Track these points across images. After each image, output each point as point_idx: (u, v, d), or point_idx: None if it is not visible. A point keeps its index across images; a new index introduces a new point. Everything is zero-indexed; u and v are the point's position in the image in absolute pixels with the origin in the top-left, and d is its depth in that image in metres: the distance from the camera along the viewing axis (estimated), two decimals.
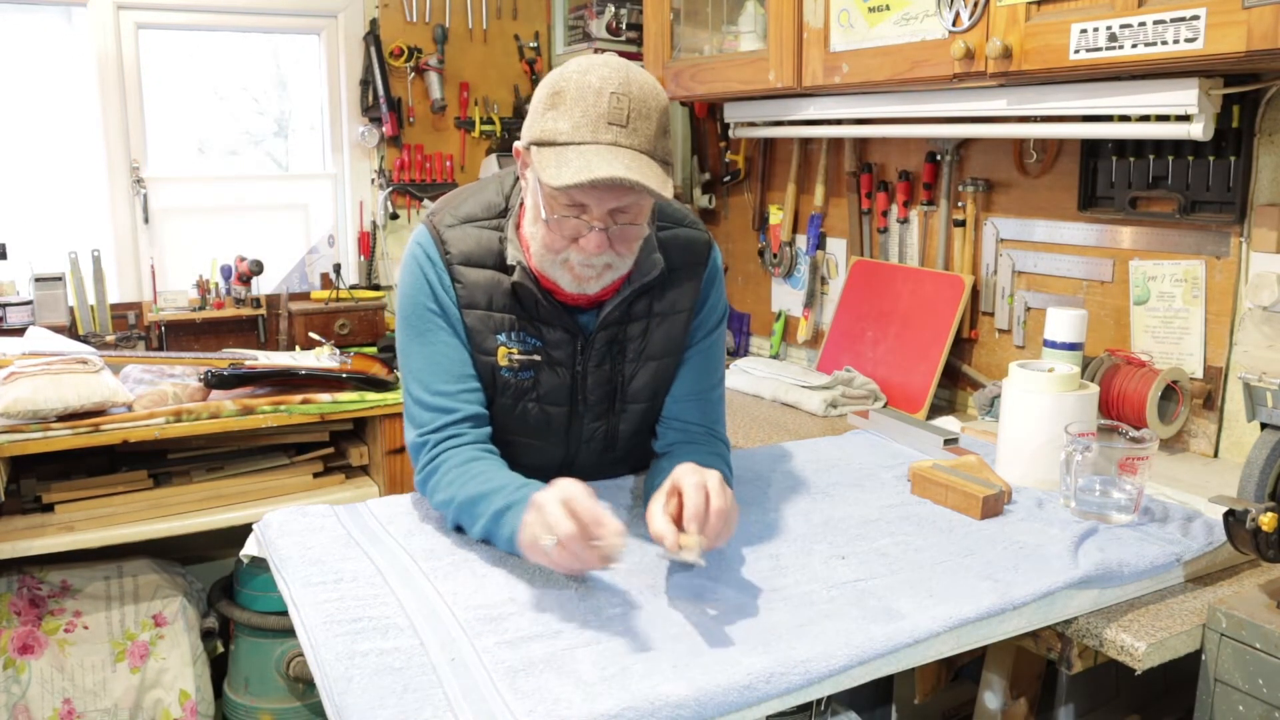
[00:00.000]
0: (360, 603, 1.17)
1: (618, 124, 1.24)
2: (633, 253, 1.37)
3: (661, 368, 1.49)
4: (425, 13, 3.21)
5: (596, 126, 1.23)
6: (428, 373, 1.43)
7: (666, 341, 1.48)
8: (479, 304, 1.42)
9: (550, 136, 1.25)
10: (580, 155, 1.22)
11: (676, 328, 1.48)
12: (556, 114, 1.26)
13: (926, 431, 1.80)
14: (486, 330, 1.43)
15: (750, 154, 2.93)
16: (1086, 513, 1.44)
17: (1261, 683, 1.18)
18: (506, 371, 1.44)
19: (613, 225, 1.30)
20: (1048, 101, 1.84)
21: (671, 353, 1.50)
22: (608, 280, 1.37)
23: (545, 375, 1.45)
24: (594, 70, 1.26)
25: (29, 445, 2.16)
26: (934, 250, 2.39)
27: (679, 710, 0.97)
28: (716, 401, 1.56)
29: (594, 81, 1.25)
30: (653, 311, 1.46)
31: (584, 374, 1.46)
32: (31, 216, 2.87)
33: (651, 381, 1.49)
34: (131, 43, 2.89)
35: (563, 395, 1.47)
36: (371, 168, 3.23)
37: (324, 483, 2.59)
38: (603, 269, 1.34)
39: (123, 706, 2.41)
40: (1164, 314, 1.90)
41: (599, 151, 1.23)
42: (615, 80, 1.25)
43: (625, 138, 1.24)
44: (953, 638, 1.15)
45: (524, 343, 1.43)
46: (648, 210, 1.34)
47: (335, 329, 3.01)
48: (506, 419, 1.48)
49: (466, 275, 1.41)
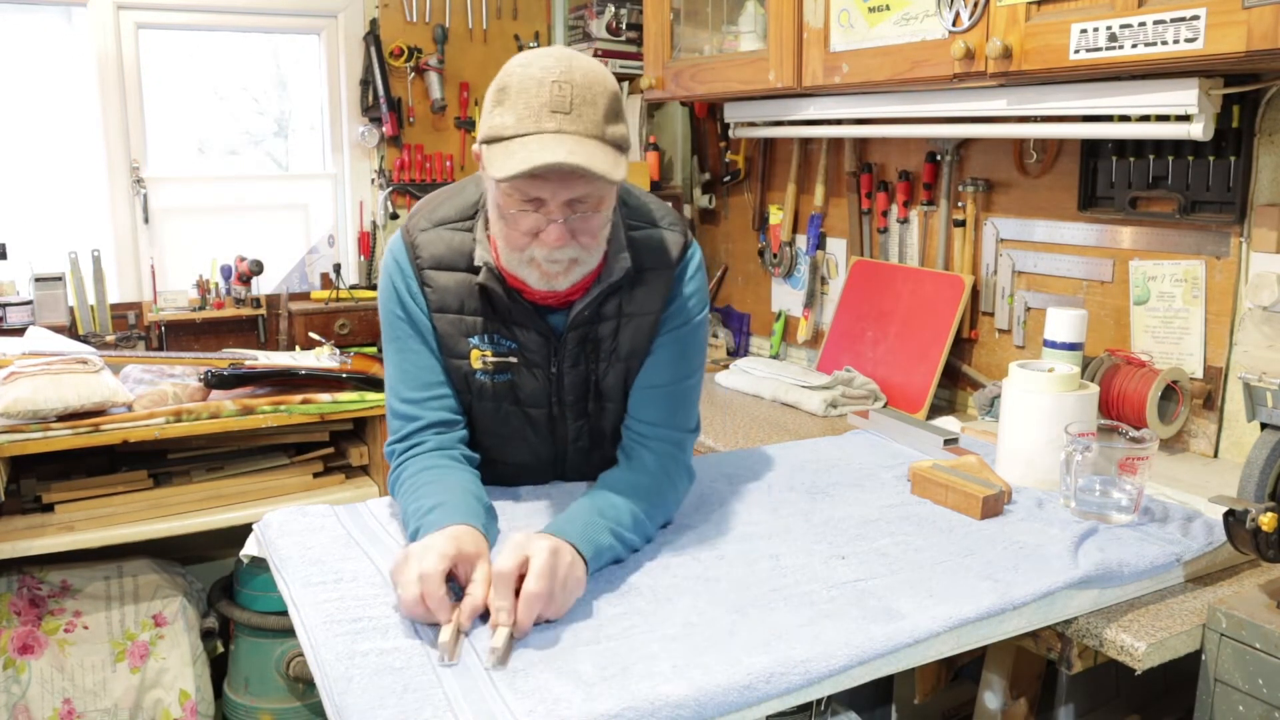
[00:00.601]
0: (360, 603, 1.17)
1: (561, 111, 1.22)
2: (599, 245, 1.34)
3: (632, 369, 1.47)
4: (425, 13, 3.21)
5: (540, 116, 1.22)
6: (397, 380, 1.45)
7: (635, 342, 1.45)
8: (450, 307, 1.42)
9: (497, 132, 1.25)
10: (524, 146, 1.21)
11: (644, 329, 1.45)
12: (502, 110, 1.25)
13: (926, 431, 1.79)
14: (458, 334, 1.42)
15: (750, 154, 2.93)
16: (1086, 513, 1.44)
17: (1261, 683, 1.18)
18: (482, 375, 1.44)
19: (572, 216, 1.28)
20: (1048, 101, 1.84)
21: (639, 354, 1.46)
22: (576, 276, 1.35)
23: (523, 378, 1.45)
24: (536, 62, 1.25)
25: (29, 445, 2.16)
26: (934, 250, 2.39)
27: (679, 710, 0.97)
28: (680, 396, 1.48)
29: (535, 73, 1.24)
30: (623, 312, 1.44)
31: (559, 375, 1.46)
32: (31, 216, 2.87)
33: (623, 382, 1.48)
34: (131, 43, 2.89)
35: (541, 397, 1.47)
36: (371, 168, 3.23)
37: (324, 483, 2.59)
38: (569, 264, 1.32)
39: (123, 706, 2.41)
40: (1164, 314, 1.90)
41: (542, 140, 1.21)
42: (557, 70, 1.24)
43: (569, 124, 1.22)
44: (953, 638, 1.15)
45: (497, 345, 1.43)
46: (608, 200, 1.31)
47: (335, 329, 3.01)
48: (491, 421, 1.48)
49: (437, 279, 1.41)
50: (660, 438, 1.46)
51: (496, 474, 1.51)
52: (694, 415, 1.51)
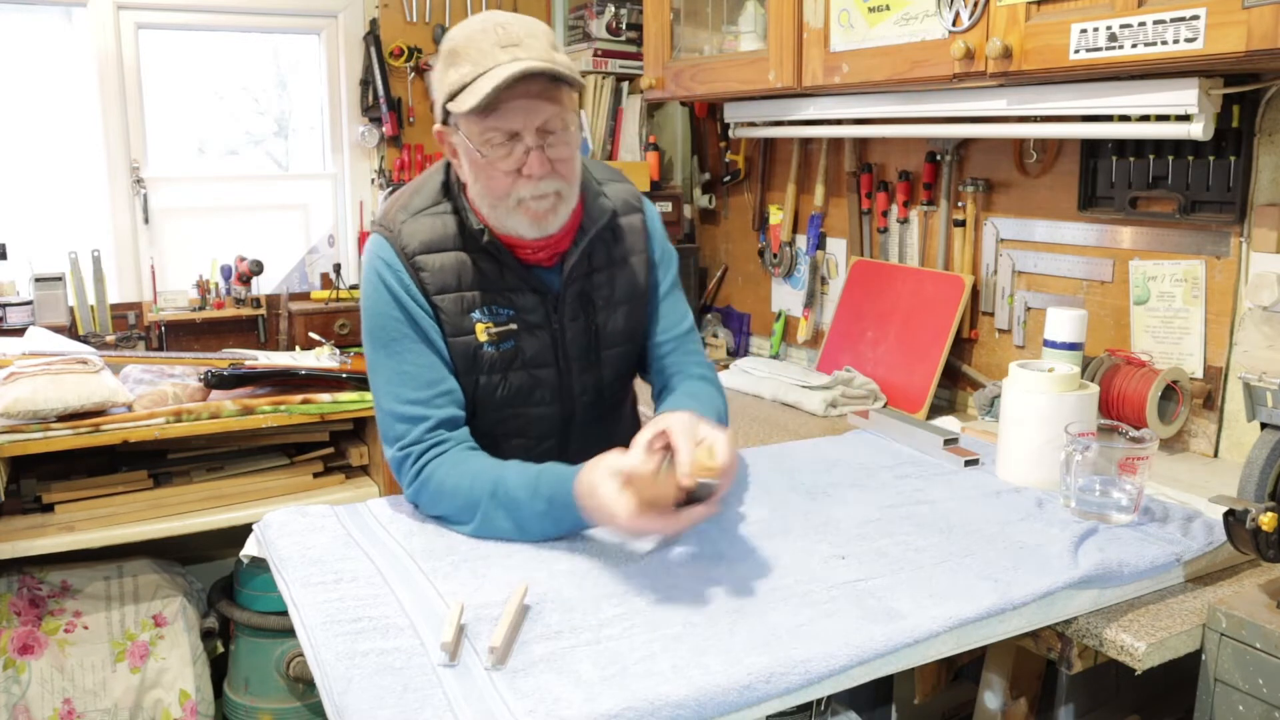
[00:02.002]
0: (360, 603, 1.17)
1: (511, 44, 1.32)
2: (576, 175, 1.42)
3: (632, 310, 1.57)
4: (425, 13, 3.22)
5: (493, 53, 1.31)
6: (398, 383, 1.43)
7: (632, 284, 1.56)
8: (450, 286, 1.44)
9: (458, 84, 1.33)
10: (488, 78, 1.30)
11: (638, 268, 1.56)
12: (457, 67, 1.34)
13: (926, 431, 1.79)
14: (460, 311, 1.45)
15: (750, 154, 2.93)
16: (1086, 513, 1.44)
17: (1261, 683, 1.18)
18: (489, 346, 1.46)
19: (547, 145, 1.35)
20: (1048, 101, 1.84)
21: (637, 295, 1.57)
22: (563, 214, 1.42)
23: (526, 341, 1.48)
24: (472, 21, 1.37)
25: (29, 445, 2.16)
26: (934, 250, 2.39)
27: (679, 710, 0.97)
28: (694, 337, 1.65)
29: (475, 26, 1.35)
30: (612, 259, 1.54)
31: (561, 330, 1.50)
32: (31, 216, 2.87)
33: (626, 324, 1.56)
34: (131, 43, 2.89)
35: (547, 356, 1.50)
36: (371, 168, 3.23)
37: (324, 483, 2.59)
38: (554, 198, 1.39)
39: (123, 706, 2.41)
40: (1164, 314, 1.90)
41: (502, 69, 1.30)
42: (493, 20, 1.34)
43: (522, 53, 1.32)
44: (953, 638, 1.15)
45: (496, 315, 1.46)
46: (574, 124, 1.39)
47: (335, 329, 3.01)
48: (499, 394, 1.49)
49: (430, 262, 1.43)
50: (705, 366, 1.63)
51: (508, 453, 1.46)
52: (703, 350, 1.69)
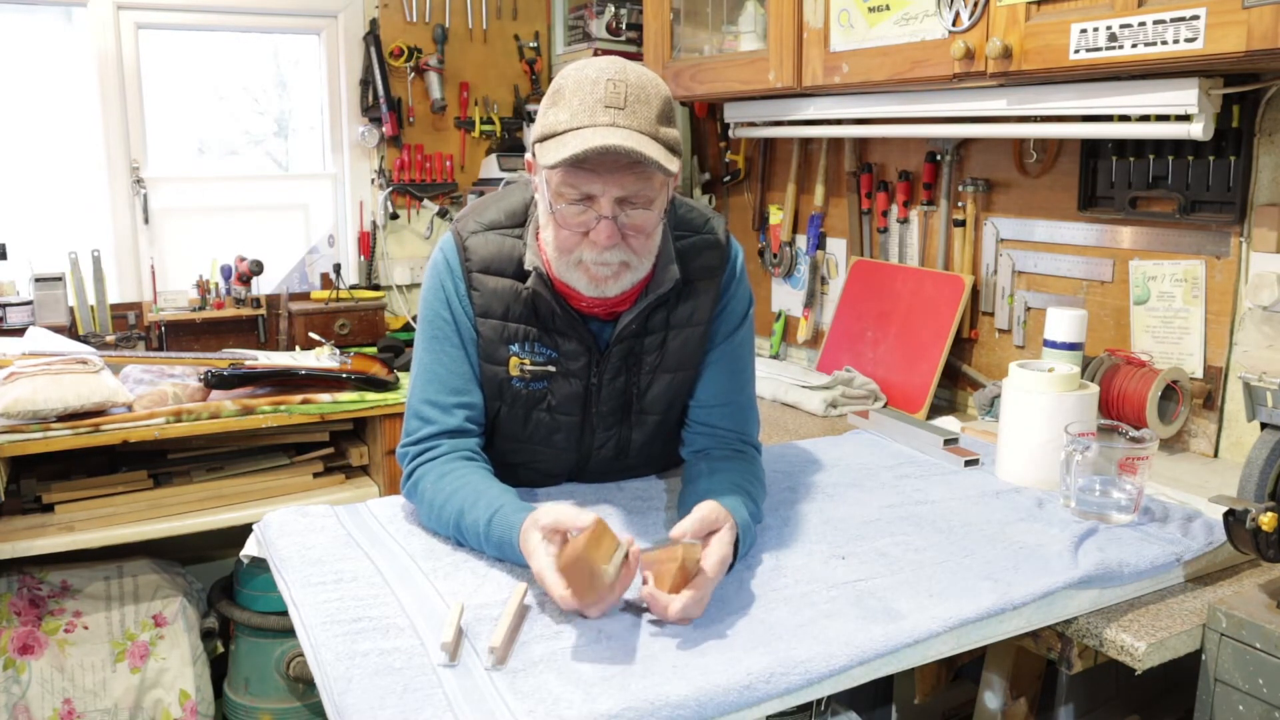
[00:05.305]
0: (360, 603, 1.17)
1: (615, 106, 1.23)
2: (650, 251, 1.33)
3: (677, 380, 1.47)
4: (425, 13, 3.22)
5: (594, 110, 1.23)
6: (424, 380, 1.43)
7: (683, 354, 1.45)
8: (495, 313, 1.41)
9: (551, 129, 1.26)
10: (578, 137, 1.22)
11: (694, 340, 1.45)
12: (556, 109, 1.26)
13: (926, 431, 1.80)
14: (499, 340, 1.41)
15: (750, 154, 2.93)
16: (1086, 513, 1.44)
17: (1261, 683, 1.18)
18: (518, 382, 1.43)
19: (622, 215, 1.27)
20: (1048, 101, 1.84)
21: (687, 366, 1.47)
22: (626, 283, 1.33)
23: (559, 385, 1.44)
24: (592, 65, 1.28)
25: (29, 445, 2.16)
26: (934, 250, 2.39)
27: (679, 710, 0.97)
28: (746, 406, 1.53)
29: (590, 73, 1.26)
30: (670, 324, 1.43)
31: (599, 386, 1.45)
32: (31, 216, 2.87)
33: (667, 393, 1.47)
34: (131, 43, 2.89)
35: (576, 406, 1.45)
36: (371, 168, 3.23)
37: (324, 483, 2.59)
38: (618, 267, 1.31)
39: (123, 707, 2.41)
40: (1164, 314, 1.90)
41: (596, 131, 1.22)
42: (611, 70, 1.26)
43: (623, 119, 1.23)
44: (953, 638, 1.15)
45: (537, 354, 1.42)
46: (659, 201, 1.30)
47: (335, 329, 3.01)
48: (517, 427, 1.47)
49: (485, 283, 1.40)
50: (736, 441, 1.50)
51: (514, 478, 1.48)
52: (757, 426, 1.55)
